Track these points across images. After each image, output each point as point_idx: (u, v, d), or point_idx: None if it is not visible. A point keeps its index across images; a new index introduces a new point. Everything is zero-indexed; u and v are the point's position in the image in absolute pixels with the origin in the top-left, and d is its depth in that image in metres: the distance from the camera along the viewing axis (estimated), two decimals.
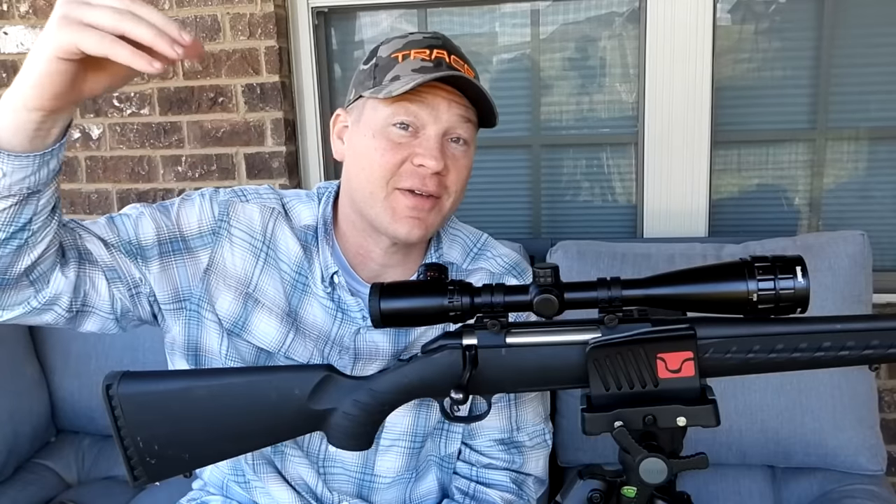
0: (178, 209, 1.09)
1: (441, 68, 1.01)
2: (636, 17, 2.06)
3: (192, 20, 2.10)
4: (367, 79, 1.05)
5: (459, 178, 1.06)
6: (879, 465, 1.64)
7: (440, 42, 1.05)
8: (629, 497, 0.83)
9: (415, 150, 1.02)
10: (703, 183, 2.06)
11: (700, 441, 1.33)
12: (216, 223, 1.09)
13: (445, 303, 0.83)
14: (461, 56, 1.06)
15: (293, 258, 1.10)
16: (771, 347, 0.80)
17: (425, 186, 1.02)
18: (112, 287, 1.00)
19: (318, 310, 1.10)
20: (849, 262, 1.66)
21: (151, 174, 2.22)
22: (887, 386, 2.08)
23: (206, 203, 1.10)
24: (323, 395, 0.91)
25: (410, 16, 2.18)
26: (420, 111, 1.01)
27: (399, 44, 1.05)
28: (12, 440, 1.81)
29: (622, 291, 0.80)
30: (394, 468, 1.15)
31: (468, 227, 1.22)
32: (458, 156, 1.05)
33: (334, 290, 1.10)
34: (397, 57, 1.03)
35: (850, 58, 2.01)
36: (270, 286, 1.09)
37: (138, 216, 1.06)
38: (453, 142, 1.04)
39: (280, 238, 1.10)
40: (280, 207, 1.12)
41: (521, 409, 1.19)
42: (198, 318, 1.08)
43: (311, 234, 1.12)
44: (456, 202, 1.08)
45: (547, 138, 2.20)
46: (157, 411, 0.92)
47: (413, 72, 1.00)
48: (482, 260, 1.18)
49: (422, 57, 1.02)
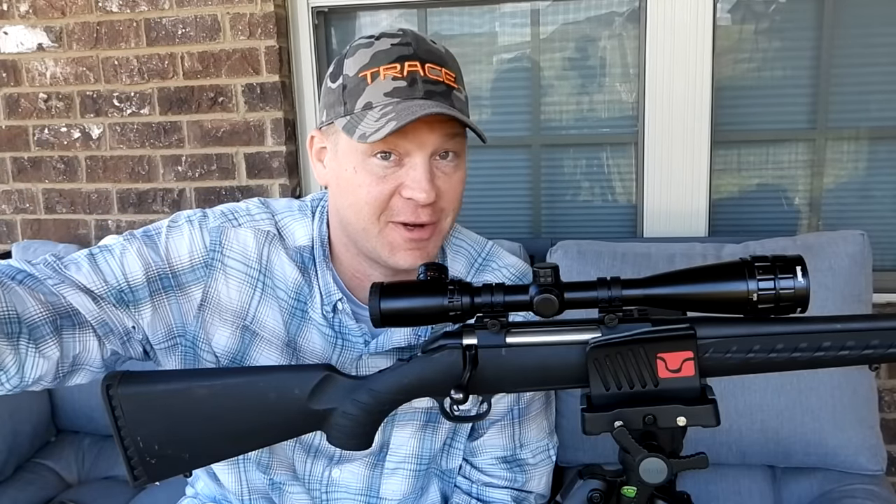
0: (166, 241, 1.01)
1: (415, 88, 0.92)
2: (636, 17, 2.06)
3: (192, 20, 2.10)
4: (338, 103, 0.96)
5: (455, 196, 0.99)
6: (879, 464, 1.64)
7: (410, 50, 0.94)
8: (629, 497, 0.83)
9: (402, 181, 0.94)
10: (703, 183, 2.06)
11: (700, 441, 1.33)
12: (208, 254, 1.02)
13: (445, 303, 0.83)
14: (437, 60, 0.96)
15: (291, 284, 1.04)
16: (771, 347, 0.80)
17: (419, 218, 0.96)
18: (104, 342, 0.94)
19: (317, 337, 1.05)
20: (849, 262, 1.66)
21: (151, 174, 2.22)
22: (887, 386, 2.08)
23: (195, 232, 1.02)
24: (323, 395, 0.91)
25: (410, 16, 2.18)
26: (401, 140, 0.93)
27: (365, 57, 0.95)
28: (12, 440, 1.81)
29: (622, 291, 0.80)
30: (399, 490, 1.13)
31: (472, 234, 1.17)
32: (449, 172, 0.97)
33: (335, 315, 1.05)
34: (365, 76, 0.94)
35: (850, 58, 2.01)
36: (269, 317, 1.04)
37: (122, 252, 0.98)
38: (442, 158, 0.97)
39: (276, 264, 1.04)
40: (274, 229, 1.06)
41: (524, 426, 1.15)
42: (193, 354, 1.04)
43: (308, 255, 1.06)
44: (455, 217, 1.02)
45: (547, 138, 2.20)
46: (157, 411, 0.92)
47: (385, 96, 0.92)
48: (487, 272, 1.12)
49: (392, 75, 0.92)
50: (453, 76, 0.97)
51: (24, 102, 2.24)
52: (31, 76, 2.22)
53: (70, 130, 2.24)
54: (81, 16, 2.15)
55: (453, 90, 0.96)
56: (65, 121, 2.23)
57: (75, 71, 2.19)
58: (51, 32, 2.18)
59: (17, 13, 2.19)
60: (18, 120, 2.25)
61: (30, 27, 2.19)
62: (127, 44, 2.15)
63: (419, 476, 1.13)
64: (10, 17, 2.19)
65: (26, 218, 2.32)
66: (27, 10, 2.18)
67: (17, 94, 2.24)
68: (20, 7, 2.18)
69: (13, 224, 2.33)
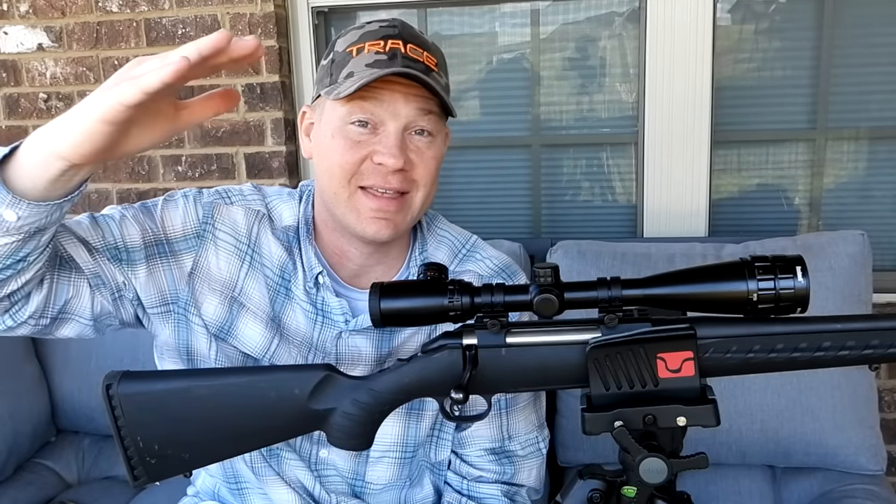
0: (161, 210, 1.06)
1: (395, 61, 0.97)
2: (636, 17, 2.06)
3: (192, 20, 2.10)
4: (325, 76, 1.03)
5: (427, 171, 1.03)
6: (879, 464, 1.64)
7: (396, 31, 1.01)
8: (629, 497, 0.83)
9: (374, 147, 1.00)
10: (703, 183, 2.06)
11: (700, 441, 1.33)
12: (200, 226, 1.07)
13: (445, 303, 0.83)
14: (420, 43, 1.01)
15: (276, 262, 1.09)
16: (771, 347, 0.80)
17: (388, 184, 1.00)
18: (95, 293, 0.98)
19: (300, 315, 1.09)
20: (849, 262, 1.66)
21: (151, 174, 2.22)
22: (887, 386, 2.08)
23: (189, 204, 1.07)
24: (323, 395, 0.91)
25: (410, 15, 2.18)
26: (376, 108, 0.99)
27: (355, 36, 1.02)
28: (12, 440, 1.81)
29: (622, 291, 0.80)
30: (385, 477, 1.14)
31: (457, 227, 1.20)
32: (422, 148, 1.02)
33: (318, 291, 1.09)
34: (352, 51, 1.00)
35: (850, 58, 2.01)
36: (256, 290, 1.08)
37: (121, 218, 1.03)
38: (417, 134, 1.02)
39: (264, 242, 1.09)
40: (264, 209, 1.11)
41: (512, 417, 1.16)
42: (186, 322, 1.07)
43: (293, 234, 1.10)
44: (428, 196, 1.06)
45: (547, 138, 2.20)
46: (157, 411, 0.92)
47: (366, 67, 0.98)
48: (470, 262, 1.15)
49: (376, 50, 0.98)
50: (435, 61, 1.02)
51: (24, 102, 2.24)
52: (31, 76, 2.22)
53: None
54: (81, 16, 2.15)
55: (432, 71, 1.01)
56: None
57: (75, 71, 2.19)
58: (51, 32, 2.18)
59: (17, 13, 2.19)
60: (18, 120, 2.25)
61: (30, 27, 2.19)
62: (127, 44, 2.15)
63: (405, 463, 1.14)
64: (10, 17, 2.20)
65: None
66: (27, 10, 2.18)
67: (17, 94, 2.24)
68: (20, 7, 2.18)
69: None
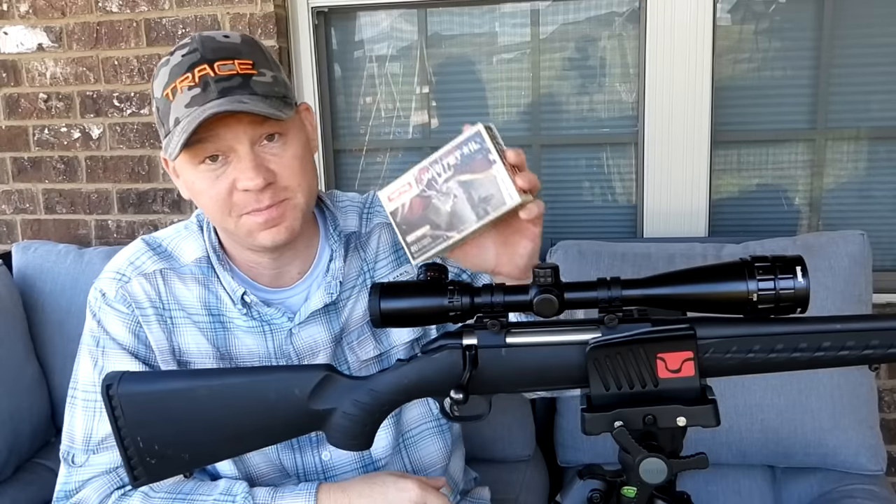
0: (102, 367, 1.08)
1: (209, 91, 0.96)
2: (636, 17, 2.06)
3: (192, 20, 2.10)
4: (160, 126, 1.03)
5: (293, 172, 1.03)
6: (879, 465, 1.64)
7: (198, 55, 0.99)
8: (629, 497, 0.83)
9: (234, 175, 1.00)
10: (703, 183, 2.06)
11: (700, 441, 1.33)
12: (133, 316, 1.09)
13: (445, 303, 0.83)
14: (226, 55, 0.99)
15: (198, 302, 1.10)
16: (771, 347, 0.80)
17: (262, 203, 1.01)
18: None
19: (246, 336, 1.10)
20: (849, 262, 1.66)
21: (151, 174, 2.22)
22: (887, 386, 2.08)
23: (114, 313, 1.09)
24: (323, 395, 0.91)
25: (410, 15, 2.18)
26: (218, 143, 0.98)
27: (165, 75, 1.00)
28: (12, 440, 1.81)
29: (622, 291, 0.80)
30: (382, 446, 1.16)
31: (353, 193, 1.22)
32: (278, 153, 1.02)
33: (250, 309, 1.10)
34: (168, 95, 0.99)
35: (850, 58, 2.01)
36: (192, 342, 1.10)
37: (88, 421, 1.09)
38: (268, 141, 1.01)
39: (177, 291, 1.10)
40: (159, 264, 1.11)
41: None
42: None
43: (206, 265, 1.11)
44: (310, 190, 1.06)
45: (547, 138, 2.20)
46: (157, 411, 0.92)
47: (186, 108, 0.97)
48: (376, 216, 1.18)
49: (188, 85, 0.97)
50: (250, 63, 1.00)
51: (24, 102, 2.24)
52: (31, 76, 2.22)
53: (70, 130, 2.24)
54: (81, 16, 2.15)
55: (252, 77, 0.99)
56: (65, 121, 2.23)
57: (75, 71, 2.19)
58: (51, 32, 2.18)
59: (17, 13, 2.19)
60: (18, 120, 2.25)
61: (30, 27, 2.19)
62: (127, 44, 2.15)
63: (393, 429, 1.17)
64: (10, 17, 2.20)
65: (26, 218, 2.32)
66: (27, 10, 2.18)
67: (17, 94, 2.24)
68: (20, 7, 2.18)
69: (13, 224, 2.33)
